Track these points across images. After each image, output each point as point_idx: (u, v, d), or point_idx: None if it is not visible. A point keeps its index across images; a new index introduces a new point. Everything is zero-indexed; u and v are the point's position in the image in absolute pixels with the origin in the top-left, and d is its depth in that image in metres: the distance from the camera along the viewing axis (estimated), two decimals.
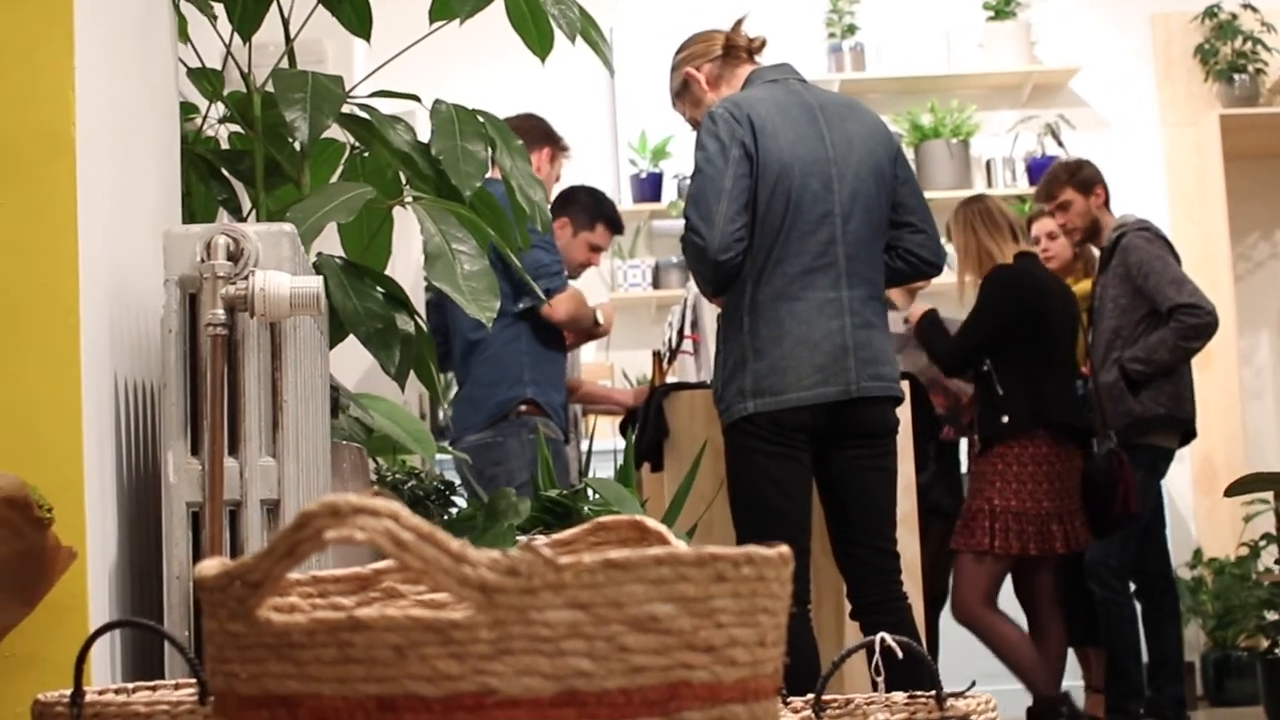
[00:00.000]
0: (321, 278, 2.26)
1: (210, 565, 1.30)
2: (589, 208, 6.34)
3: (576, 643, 1.19)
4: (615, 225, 6.50)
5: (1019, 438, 5.81)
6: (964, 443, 6.98)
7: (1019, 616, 6.41)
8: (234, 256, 2.25)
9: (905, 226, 4.59)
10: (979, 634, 5.98)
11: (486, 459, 5.49)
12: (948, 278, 6.65)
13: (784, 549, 1.31)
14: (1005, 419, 5.83)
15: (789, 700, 1.88)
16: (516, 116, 5.97)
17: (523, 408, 5.66)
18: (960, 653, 6.08)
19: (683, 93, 4.83)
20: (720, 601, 1.24)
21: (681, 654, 1.22)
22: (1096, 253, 6.77)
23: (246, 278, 2.22)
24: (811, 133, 4.48)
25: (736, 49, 4.75)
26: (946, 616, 6.67)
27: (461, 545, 1.18)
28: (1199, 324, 6.31)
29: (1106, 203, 6.73)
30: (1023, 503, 5.78)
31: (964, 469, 7.01)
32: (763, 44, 4.79)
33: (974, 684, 1.78)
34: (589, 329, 6.04)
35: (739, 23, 4.79)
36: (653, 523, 1.51)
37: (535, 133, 5.90)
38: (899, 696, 1.84)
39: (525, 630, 1.19)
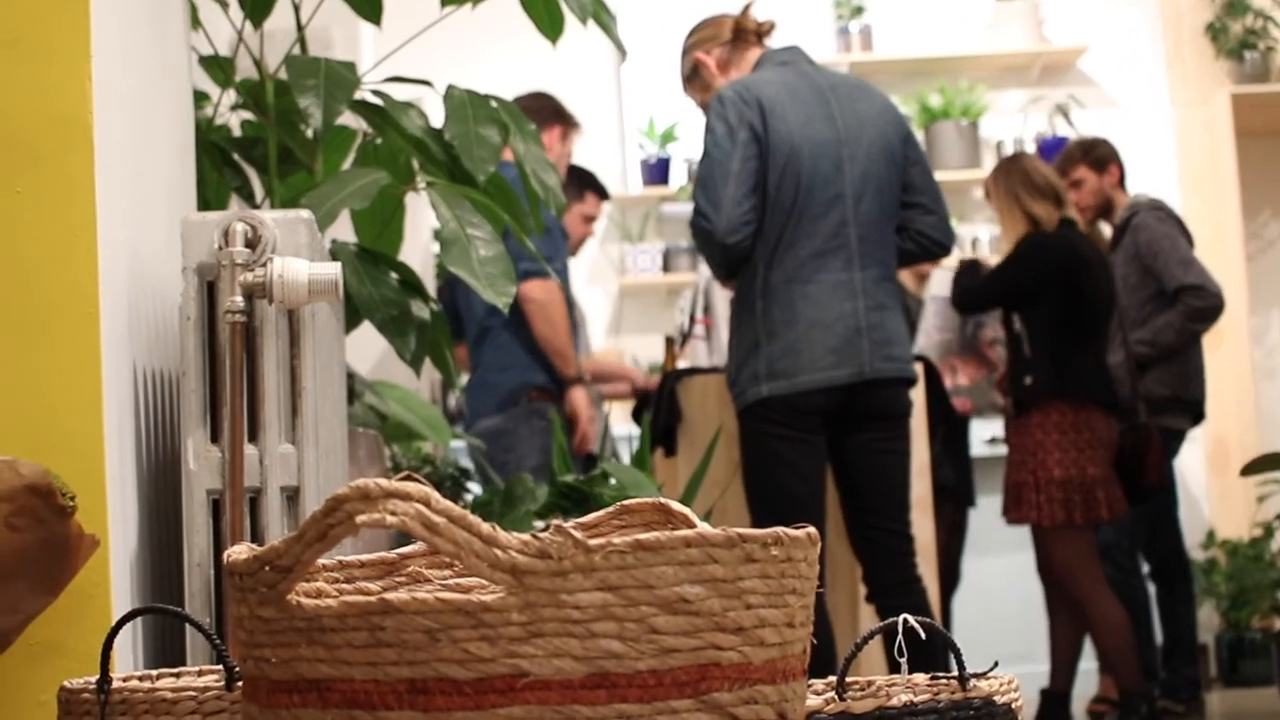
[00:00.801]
0: (339, 264, 2.26)
1: (240, 550, 1.30)
2: (573, 179, 6.34)
3: (607, 624, 1.20)
4: (602, 191, 6.51)
5: (1044, 404, 5.73)
6: (974, 423, 6.97)
7: (1036, 592, 6.39)
8: (251, 243, 2.25)
9: (916, 207, 4.59)
10: (1087, 612, 5.81)
11: (498, 445, 5.48)
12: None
13: (811, 530, 1.31)
14: (1028, 380, 5.77)
15: (810, 683, 1.88)
16: (526, 95, 5.96)
17: (534, 394, 5.64)
18: (976, 634, 6.07)
19: (693, 77, 4.82)
20: (749, 583, 1.24)
21: (711, 635, 1.23)
22: (1108, 231, 6.76)
23: (265, 264, 2.22)
24: (822, 114, 4.47)
25: (746, 33, 4.74)
26: (960, 598, 6.66)
27: (492, 529, 1.18)
28: (1204, 306, 6.29)
29: (1121, 182, 6.71)
30: (1066, 470, 5.70)
31: (972, 449, 7.01)
32: (772, 27, 4.78)
33: (996, 664, 1.78)
34: (561, 353, 5.67)
35: (748, 7, 4.78)
36: (677, 506, 1.51)
37: (545, 111, 5.88)
38: (920, 678, 1.84)
39: (556, 612, 1.19)
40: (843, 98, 4.53)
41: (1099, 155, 6.71)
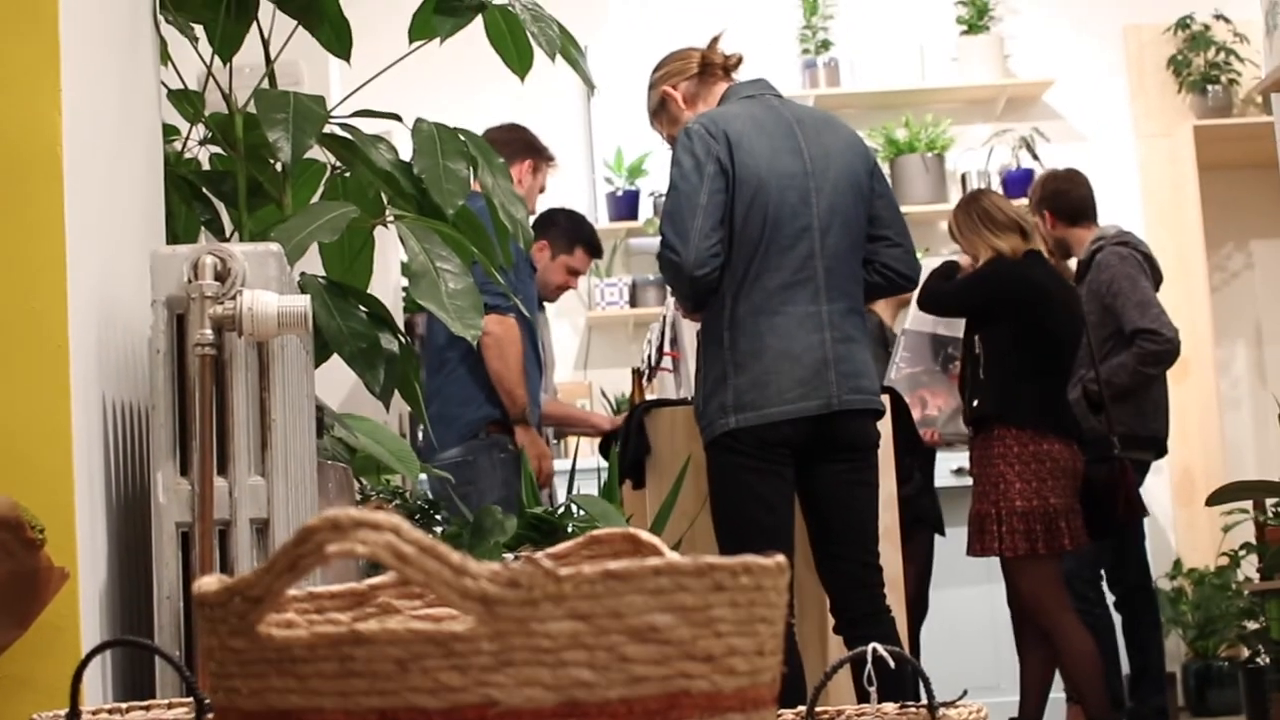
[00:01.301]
0: (308, 296, 2.26)
1: (210, 581, 1.30)
2: (568, 231, 6.34)
3: (577, 653, 1.20)
4: (594, 249, 6.49)
5: (1000, 431, 5.71)
6: (941, 454, 6.98)
7: (1004, 622, 6.41)
8: (221, 276, 2.25)
9: (881, 240, 4.60)
10: (1055, 640, 5.80)
11: (459, 477, 5.46)
12: None
13: (780, 558, 1.32)
14: (976, 403, 5.77)
15: (780, 713, 1.89)
16: (498, 128, 5.96)
17: (491, 428, 5.62)
18: (944, 664, 6.08)
19: (660, 111, 4.84)
20: (719, 611, 1.25)
21: (681, 663, 1.23)
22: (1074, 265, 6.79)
23: (234, 297, 2.23)
24: (788, 147, 4.49)
25: (712, 66, 4.76)
26: (929, 628, 6.67)
27: (463, 558, 1.19)
28: (1158, 350, 6.32)
29: (1070, 220, 6.69)
30: (1028, 502, 5.70)
31: (940, 480, 7.02)
32: (739, 61, 4.80)
33: (965, 693, 1.79)
34: (512, 392, 5.64)
35: (715, 40, 4.80)
36: (646, 535, 1.52)
37: (517, 144, 5.88)
38: (890, 707, 1.85)
39: (526, 641, 1.20)
40: (809, 131, 4.55)
41: (1034, 202, 6.76)
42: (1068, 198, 6.74)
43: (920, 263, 4.83)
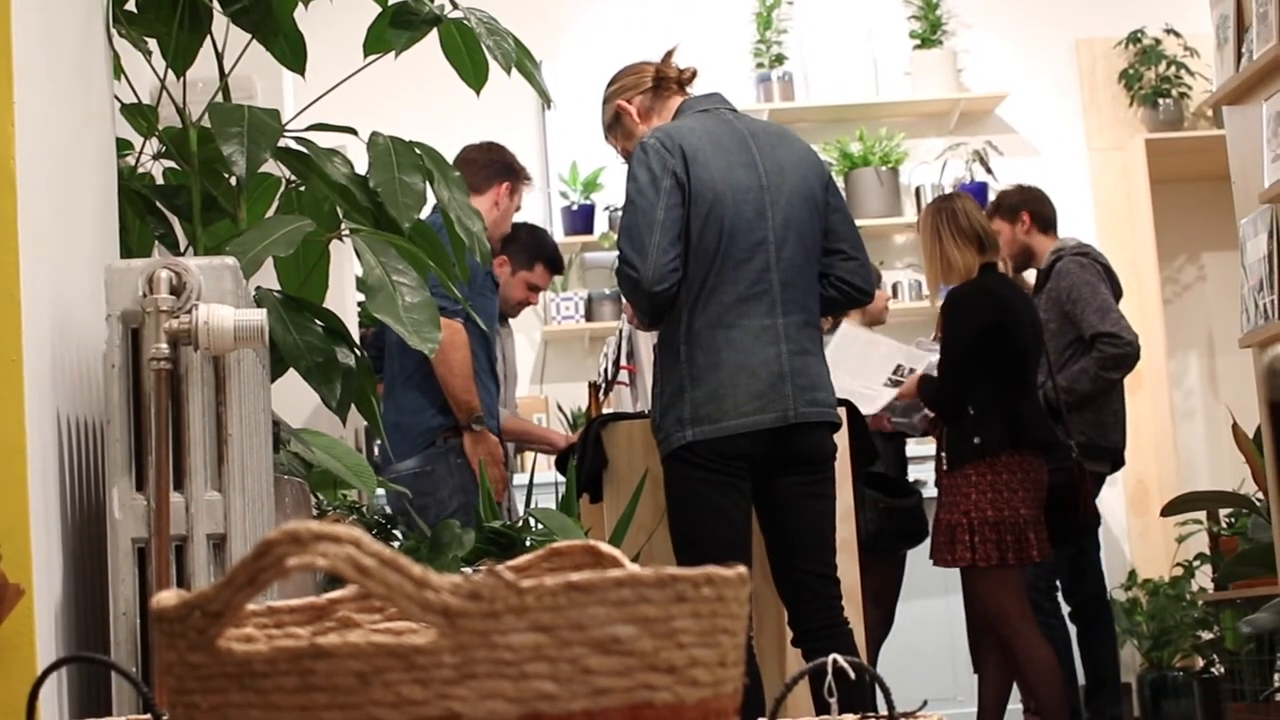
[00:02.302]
0: (265, 310, 2.25)
1: (169, 596, 1.29)
2: (529, 247, 6.33)
3: (540, 665, 1.20)
4: (555, 265, 6.48)
5: (987, 457, 5.72)
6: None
7: (961, 634, 6.42)
8: (176, 290, 2.24)
9: (837, 254, 4.61)
10: (1011, 647, 5.78)
11: (418, 487, 5.43)
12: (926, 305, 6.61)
13: (741, 569, 1.32)
14: (977, 440, 5.74)
15: None
16: (476, 146, 5.96)
17: (448, 434, 5.61)
18: (902, 676, 6.08)
19: (614, 125, 4.84)
20: (681, 622, 1.25)
21: (644, 675, 1.23)
22: (1031, 277, 6.82)
23: (190, 311, 2.22)
24: (744, 161, 4.49)
25: (667, 80, 4.76)
26: (890, 641, 6.67)
27: (424, 571, 1.18)
28: (1119, 354, 6.34)
29: (1042, 227, 6.76)
30: (1000, 512, 5.70)
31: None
32: (693, 75, 4.80)
33: (926, 703, 1.79)
34: (457, 399, 5.60)
35: (669, 54, 4.80)
36: (606, 547, 1.51)
37: (495, 165, 5.87)
38: (850, 718, 1.85)
39: (488, 654, 1.19)
40: (764, 145, 4.56)
41: (1009, 205, 6.77)
42: (1044, 205, 6.80)
43: (878, 274, 4.84)
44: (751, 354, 4.39)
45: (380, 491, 5.23)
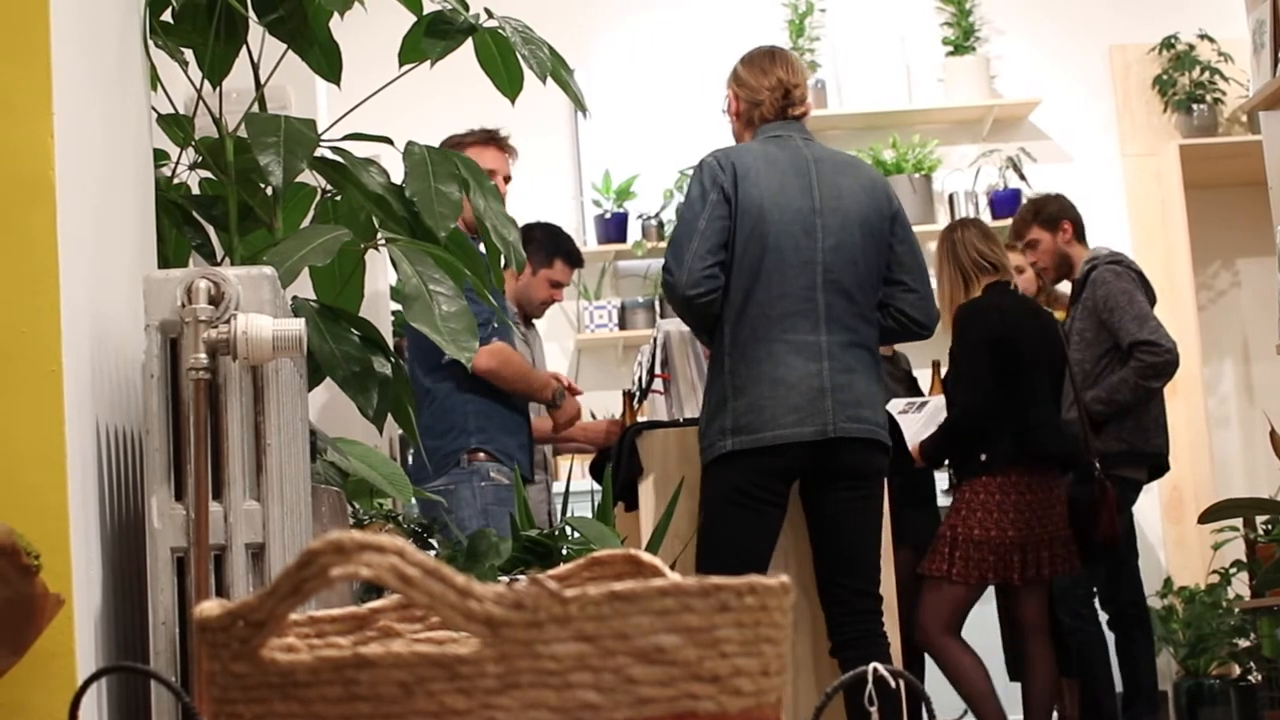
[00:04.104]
0: (303, 320, 2.26)
1: (212, 606, 1.30)
2: (545, 244, 6.34)
3: (583, 675, 1.20)
4: (574, 259, 6.49)
5: (995, 474, 5.72)
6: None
7: (995, 645, 6.40)
8: (215, 300, 2.25)
9: (898, 285, 4.65)
10: (937, 661, 5.82)
11: (439, 508, 5.45)
12: None
13: (784, 579, 1.31)
14: (984, 457, 5.74)
15: None
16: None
17: (471, 455, 5.61)
18: (941, 685, 6.05)
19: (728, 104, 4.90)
20: (724, 631, 1.24)
21: (687, 684, 1.23)
22: (1067, 287, 6.79)
23: (228, 321, 2.22)
24: (799, 184, 4.56)
25: (777, 107, 4.75)
26: None
27: (467, 580, 1.18)
28: (1158, 362, 6.31)
29: (1079, 236, 6.75)
30: (986, 531, 5.70)
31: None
32: (805, 113, 4.81)
33: (966, 712, 1.78)
34: (540, 396, 5.78)
35: (793, 90, 4.77)
36: (648, 556, 1.51)
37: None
38: None
39: (532, 664, 1.19)
40: (825, 170, 4.62)
41: (1049, 214, 6.75)
42: (1077, 213, 6.78)
43: (937, 309, 4.83)
44: (792, 368, 4.44)
45: (412, 501, 5.24)
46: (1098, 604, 6.56)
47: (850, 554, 4.52)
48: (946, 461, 6.09)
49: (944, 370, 6.17)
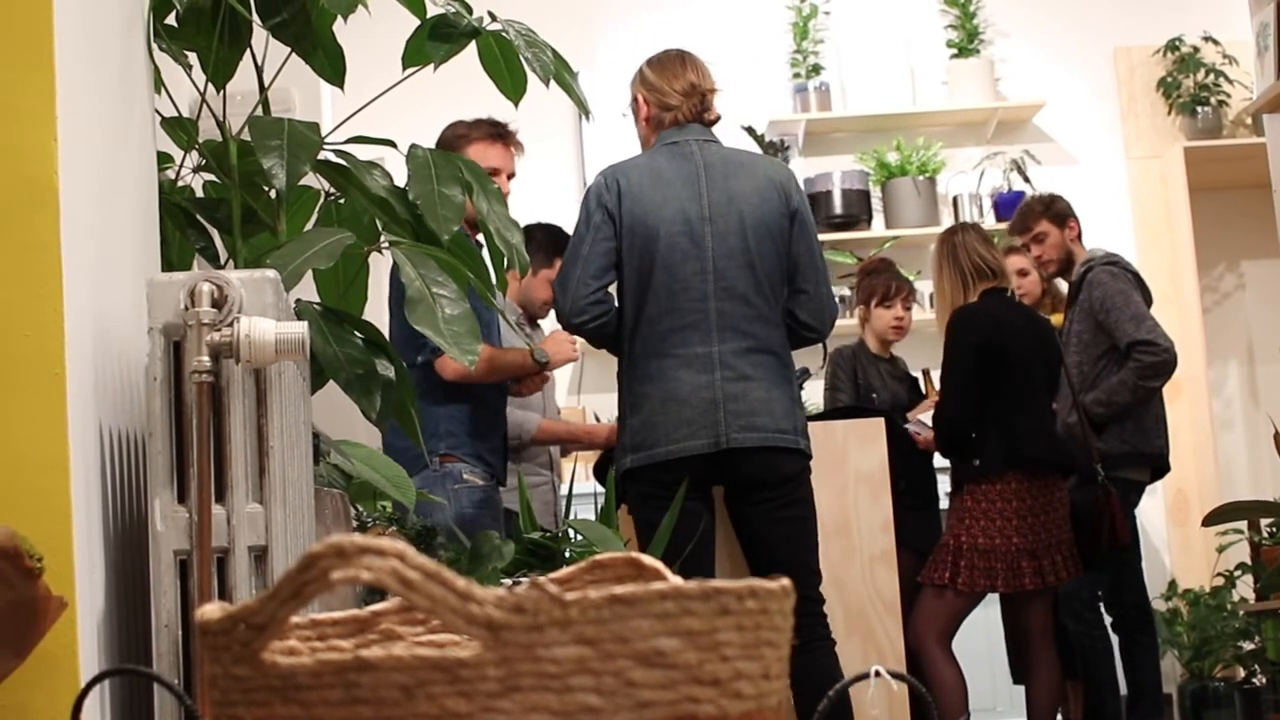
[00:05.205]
0: (306, 323, 2.26)
1: (213, 609, 1.30)
2: (546, 245, 6.33)
3: (584, 678, 1.20)
4: None
5: (992, 479, 5.72)
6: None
7: (998, 652, 6.40)
8: (218, 303, 2.25)
9: (794, 289, 4.62)
10: (919, 663, 5.79)
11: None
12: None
13: (785, 582, 1.31)
14: (977, 462, 5.74)
15: None
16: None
17: (445, 457, 5.56)
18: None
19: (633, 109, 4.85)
20: (725, 635, 1.25)
21: (688, 688, 1.23)
22: (1064, 287, 6.80)
23: (231, 324, 2.22)
24: (687, 193, 4.52)
25: (685, 110, 4.70)
26: None
27: (468, 584, 1.19)
28: (1156, 362, 6.30)
29: (1080, 236, 6.76)
30: (991, 540, 5.69)
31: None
32: (715, 119, 4.73)
33: (968, 714, 1.78)
34: (527, 371, 5.52)
35: (704, 94, 4.70)
36: (649, 560, 1.51)
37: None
38: None
39: (532, 667, 1.19)
40: (715, 175, 4.56)
41: (1059, 210, 6.76)
42: (1077, 215, 6.79)
43: (835, 308, 4.74)
44: (683, 382, 4.43)
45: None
46: (1102, 607, 6.56)
47: (779, 561, 4.46)
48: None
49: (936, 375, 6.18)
